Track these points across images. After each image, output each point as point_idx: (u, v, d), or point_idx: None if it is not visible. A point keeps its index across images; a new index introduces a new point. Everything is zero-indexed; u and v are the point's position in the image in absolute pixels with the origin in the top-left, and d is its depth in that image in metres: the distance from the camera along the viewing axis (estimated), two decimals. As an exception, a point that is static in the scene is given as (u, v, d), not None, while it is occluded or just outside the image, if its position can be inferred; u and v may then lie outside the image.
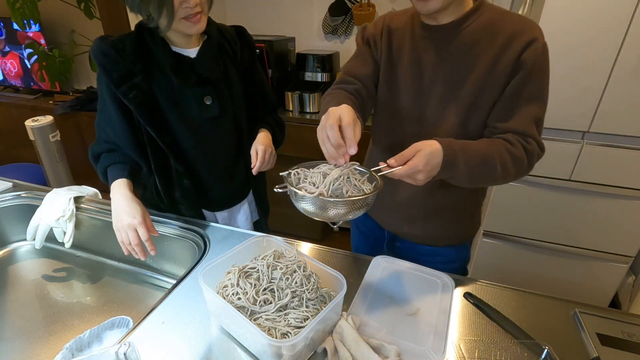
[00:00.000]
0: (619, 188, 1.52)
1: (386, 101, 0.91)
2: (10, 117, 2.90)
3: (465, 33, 0.79)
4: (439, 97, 0.83)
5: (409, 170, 0.67)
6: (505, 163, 0.75)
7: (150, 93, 0.90)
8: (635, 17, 1.26)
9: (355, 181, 0.66)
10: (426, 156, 0.67)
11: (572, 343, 0.69)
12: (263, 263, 0.71)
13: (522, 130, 0.77)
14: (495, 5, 0.80)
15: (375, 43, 0.90)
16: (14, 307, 0.92)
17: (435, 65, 0.82)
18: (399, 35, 0.87)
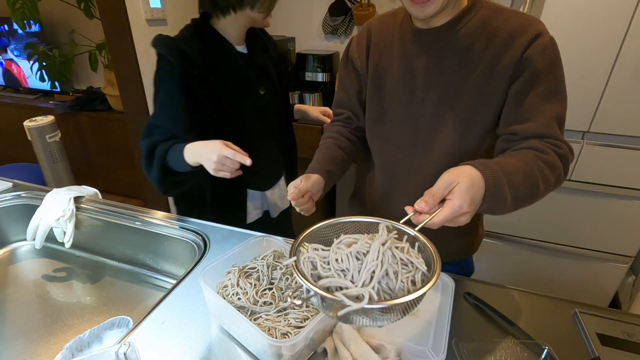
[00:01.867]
0: (619, 188, 1.52)
1: (376, 114, 0.86)
2: (10, 117, 2.91)
3: (459, 35, 0.72)
4: (434, 106, 0.77)
5: (450, 215, 0.53)
6: (546, 176, 0.64)
7: (220, 86, 0.98)
8: (635, 17, 1.26)
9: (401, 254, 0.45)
10: (468, 191, 0.53)
11: (572, 343, 0.69)
12: (263, 263, 0.71)
13: (547, 133, 0.68)
14: (491, 1, 0.74)
15: (360, 57, 0.85)
16: (14, 307, 0.92)
17: (427, 71, 0.76)
18: (387, 42, 0.81)
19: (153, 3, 1.92)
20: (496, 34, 0.70)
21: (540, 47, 0.68)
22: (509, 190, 0.59)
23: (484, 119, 0.75)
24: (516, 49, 0.68)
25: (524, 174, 0.61)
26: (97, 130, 2.70)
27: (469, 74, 0.73)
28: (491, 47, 0.71)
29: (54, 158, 2.14)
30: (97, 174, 2.90)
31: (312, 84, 2.12)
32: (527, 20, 0.70)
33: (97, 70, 2.57)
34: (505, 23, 0.70)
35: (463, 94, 0.74)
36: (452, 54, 0.74)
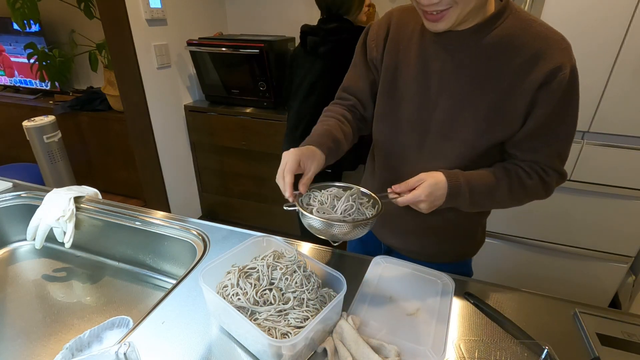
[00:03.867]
0: (619, 188, 1.52)
1: (386, 111, 0.83)
2: (10, 117, 2.91)
3: (483, 43, 0.68)
4: (445, 113, 0.74)
5: (411, 200, 0.69)
6: (515, 193, 0.74)
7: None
8: (635, 17, 1.26)
9: (359, 206, 0.71)
10: (429, 187, 0.69)
11: (572, 343, 0.69)
12: (263, 263, 0.71)
13: (544, 162, 0.74)
14: (521, 9, 0.70)
15: (377, 47, 0.81)
16: (14, 307, 0.92)
17: (443, 76, 0.73)
18: (407, 37, 0.77)
19: (153, 3, 1.93)
20: (520, 52, 0.67)
21: (559, 83, 0.66)
22: (469, 198, 0.72)
23: (495, 136, 0.73)
24: (536, 77, 0.66)
25: (488, 191, 0.73)
26: (97, 130, 2.70)
27: (486, 88, 0.70)
28: (513, 65, 0.67)
29: (54, 158, 2.14)
30: (97, 174, 2.90)
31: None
32: (552, 43, 0.66)
33: (97, 70, 2.57)
34: (532, 40, 0.67)
35: (478, 106, 0.71)
36: (472, 61, 0.70)
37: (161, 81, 2.10)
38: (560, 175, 0.77)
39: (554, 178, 0.76)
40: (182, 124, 2.33)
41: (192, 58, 2.15)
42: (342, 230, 0.67)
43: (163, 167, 2.23)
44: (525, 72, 0.67)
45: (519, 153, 0.75)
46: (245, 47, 1.97)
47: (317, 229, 0.69)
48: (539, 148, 0.73)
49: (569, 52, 0.66)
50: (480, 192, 0.73)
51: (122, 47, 1.88)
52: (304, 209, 0.68)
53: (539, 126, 0.70)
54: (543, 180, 0.75)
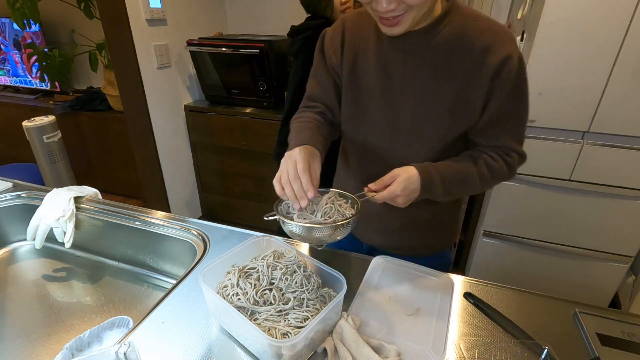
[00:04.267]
0: (619, 188, 1.52)
1: (354, 115, 0.85)
2: (10, 117, 2.91)
3: (435, 42, 0.72)
4: (412, 112, 0.77)
5: (388, 196, 0.72)
6: (484, 178, 0.79)
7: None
8: (635, 17, 1.27)
9: (339, 207, 0.72)
10: (403, 182, 0.72)
11: (572, 343, 0.69)
12: (263, 263, 0.71)
13: (506, 146, 0.79)
14: (465, 7, 0.74)
15: (335, 54, 0.83)
16: (14, 307, 0.92)
17: (405, 77, 0.76)
18: (363, 42, 0.79)
19: (153, 3, 1.93)
20: (472, 47, 0.71)
21: (509, 71, 0.70)
22: (442, 188, 0.76)
23: (460, 127, 0.77)
24: (489, 68, 0.70)
25: (460, 176, 0.77)
26: (97, 130, 2.70)
27: (446, 84, 0.73)
28: (467, 60, 0.71)
29: (54, 158, 2.14)
30: (97, 174, 2.90)
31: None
32: (499, 36, 0.71)
33: (97, 70, 2.57)
34: (481, 35, 0.71)
35: (441, 102, 0.75)
36: (429, 61, 0.73)
37: (161, 81, 2.11)
38: (520, 155, 0.81)
39: (516, 159, 0.81)
40: (182, 124, 2.33)
41: (192, 58, 2.16)
42: (324, 232, 0.67)
43: (163, 167, 2.23)
44: (478, 65, 0.71)
45: (482, 140, 0.80)
46: (245, 47, 1.97)
47: (300, 235, 0.69)
48: (500, 133, 0.78)
49: (514, 43, 0.71)
50: (452, 181, 0.77)
51: (122, 47, 1.88)
52: (284, 217, 0.68)
53: (497, 113, 0.75)
54: (506, 162, 0.80)
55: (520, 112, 0.77)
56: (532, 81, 1.49)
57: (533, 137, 1.55)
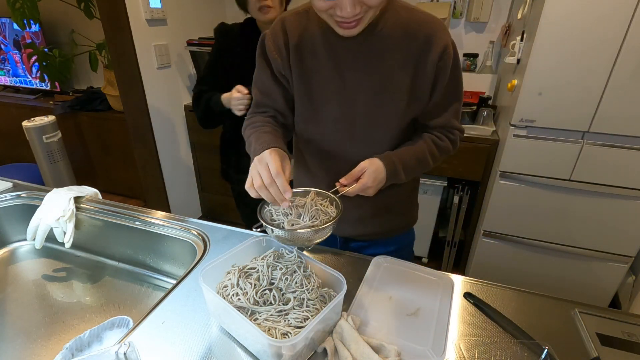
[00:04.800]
0: (619, 188, 1.52)
1: (309, 115, 0.86)
2: (10, 117, 2.91)
3: (381, 35, 0.76)
4: (366, 106, 0.81)
5: (360, 188, 0.78)
6: (435, 156, 0.87)
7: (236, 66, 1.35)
8: (635, 17, 1.27)
9: (321, 207, 0.74)
10: (373, 173, 0.78)
11: (572, 343, 0.69)
12: (263, 263, 0.71)
13: (448, 124, 0.87)
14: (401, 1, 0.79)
15: (280, 56, 0.81)
16: (14, 307, 0.92)
17: (357, 72, 0.79)
18: (309, 42, 0.79)
19: (153, 3, 1.93)
20: (415, 37, 0.76)
21: (448, 58, 0.77)
22: (404, 172, 0.82)
23: (413, 113, 0.84)
24: (433, 57, 0.76)
25: (416, 158, 0.84)
26: (97, 130, 2.70)
27: (397, 74, 0.78)
28: (413, 50, 0.77)
29: (54, 158, 2.14)
30: (97, 174, 2.90)
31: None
32: (436, 27, 0.76)
33: (97, 70, 2.57)
34: (420, 26, 0.76)
35: (394, 92, 0.80)
36: (378, 54, 0.77)
37: (161, 81, 2.11)
38: (460, 131, 0.91)
39: (457, 134, 0.90)
40: (182, 124, 2.33)
41: (192, 58, 2.15)
42: (316, 235, 0.69)
43: (163, 167, 2.23)
44: (423, 54, 0.77)
45: (429, 121, 0.86)
46: (245, 47, 1.97)
47: (290, 240, 0.71)
48: (442, 113, 0.85)
49: (447, 32, 0.78)
50: (410, 165, 0.84)
51: (122, 47, 1.88)
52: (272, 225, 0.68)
53: (440, 97, 0.82)
54: (450, 139, 0.89)
55: (458, 93, 0.85)
56: (532, 81, 1.50)
57: (533, 137, 1.55)
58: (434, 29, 0.76)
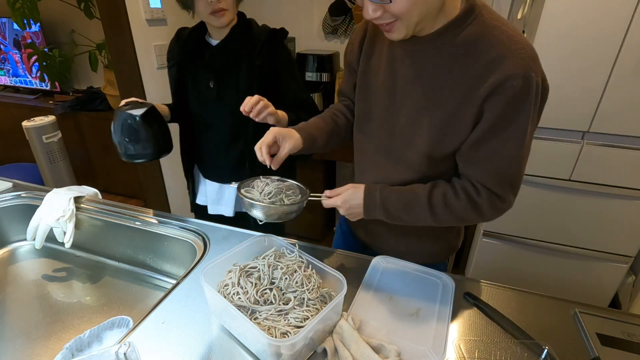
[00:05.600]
0: (619, 188, 1.52)
1: (362, 112, 0.86)
2: (10, 117, 2.91)
3: (444, 49, 0.67)
4: (408, 117, 0.75)
5: (330, 204, 0.80)
6: (435, 208, 0.74)
7: (183, 72, 1.16)
8: (635, 17, 1.26)
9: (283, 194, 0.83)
10: (346, 196, 0.78)
11: (572, 343, 0.69)
12: (264, 263, 0.71)
13: (478, 180, 0.72)
14: (489, 12, 0.66)
15: (352, 51, 0.85)
16: (14, 307, 0.92)
17: (407, 80, 0.73)
18: (379, 42, 0.79)
19: (153, 3, 1.93)
20: (477, 60, 0.64)
21: (506, 95, 0.62)
22: (384, 213, 0.78)
23: (447, 145, 0.72)
24: (487, 86, 0.63)
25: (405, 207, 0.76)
26: (97, 130, 2.70)
27: (441, 96, 0.69)
28: (469, 73, 0.65)
29: (54, 158, 2.14)
30: (97, 174, 2.90)
31: (312, 84, 2.12)
32: (512, 49, 0.62)
33: (97, 70, 2.57)
34: (490, 47, 0.63)
35: (433, 114, 0.71)
36: (432, 69, 0.69)
37: (161, 81, 2.10)
38: (498, 197, 0.71)
39: (486, 199, 0.72)
40: (182, 124, 2.33)
41: (192, 58, 2.15)
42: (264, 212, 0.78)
43: (163, 167, 2.23)
44: (478, 81, 0.64)
45: (461, 165, 0.74)
46: (245, 47, 1.97)
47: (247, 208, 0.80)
48: (477, 162, 0.71)
49: (527, 62, 0.61)
50: (397, 208, 0.76)
51: (122, 47, 1.88)
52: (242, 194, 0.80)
53: (479, 137, 0.67)
54: (471, 199, 0.72)
55: (507, 145, 0.67)
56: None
57: (533, 137, 1.55)
58: (506, 54, 0.61)
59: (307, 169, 2.13)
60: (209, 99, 1.14)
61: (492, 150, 0.68)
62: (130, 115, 1.00)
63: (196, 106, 1.18)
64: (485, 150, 0.68)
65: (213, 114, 1.17)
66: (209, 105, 1.16)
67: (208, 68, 1.12)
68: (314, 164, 2.12)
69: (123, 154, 1.05)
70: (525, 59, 0.61)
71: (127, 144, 1.03)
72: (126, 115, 1.00)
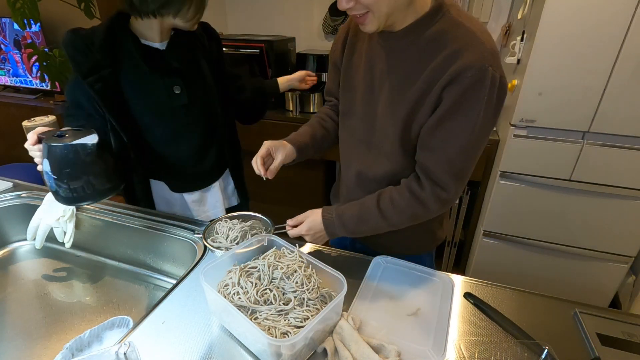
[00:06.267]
0: (619, 188, 1.52)
1: (346, 108, 0.88)
2: (10, 117, 2.91)
3: (414, 43, 0.70)
4: (383, 110, 0.77)
5: (296, 233, 0.85)
6: (387, 216, 0.78)
7: (117, 85, 0.94)
8: (635, 17, 1.26)
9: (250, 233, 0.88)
10: (308, 224, 0.83)
11: (572, 343, 0.69)
12: (264, 262, 0.71)
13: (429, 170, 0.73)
14: (459, 10, 0.69)
15: (336, 49, 0.88)
16: (14, 307, 0.92)
17: (382, 74, 0.76)
18: (360, 40, 0.82)
19: (153, 3, 1.92)
20: (440, 53, 0.67)
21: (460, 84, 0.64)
22: (344, 229, 0.82)
23: (417, 130, 0.74)
24: (446, 76, 0.65)
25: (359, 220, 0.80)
26: (97, 130, 2.69)
27: (410, 86, 0.71)
28: (432, 66, 0.68)
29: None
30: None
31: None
32: (471, 44, 0.64)
33: (97, 70, 2.56)
34: (452, 42, 0.66)
35: (404, 102, 0.73)
36: (403, 61, 0.72)
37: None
38: (441, 188, 0.73)
39: (429, 192, 0.74)
40: (182, 124, 2.33)
41: (192, 58, 2.15)
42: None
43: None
44: (439, 72, 0.66)
45: (419, 152, 0.76)
46: (245, 47, 1.97)
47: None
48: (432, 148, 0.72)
49: (485, 55, 0.63)
50: (353, 222, 0.80)
51: (122, 47, 1.88)
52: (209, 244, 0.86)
53: (434, 123, 0.69)
54: (414, 195, 0.75)
55: (458, 136, 0.68)
56: (532, 81, 1.50)
57: (533, 137, 1.55)
58: (467, 46, 0.64)
59: (307, 169, 2.13)
60: (175, 106, 1.00)
61: (444, 137, 0.70)
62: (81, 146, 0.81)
63: (153, 119, 1.01)
64: (440, 136, 0.70)
65: (183, 122, 1.04)
66: (177, 112, 1.02)
67: (167, 73, 0.98)
68: (314, 164, 2.12)
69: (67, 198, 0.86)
70: (484, 52, 0.64)
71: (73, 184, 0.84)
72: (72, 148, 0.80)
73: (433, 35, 0.68)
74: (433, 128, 0.70)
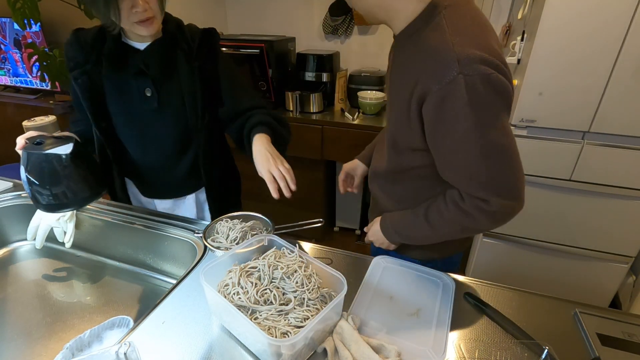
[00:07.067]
0: (619, 188, 1.52)
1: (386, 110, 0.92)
2: (10, 117, 2.91)
3: (408, 48, 0.69)
4: (388, 109, 0.81)
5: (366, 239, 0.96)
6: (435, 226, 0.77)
7: (98, 81, 0.96)
8: (635, 17, 1.26)
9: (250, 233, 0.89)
10: (372, 231, 0.93)
11: (572, 343, 0.69)
12: (264, 262, 0.71)
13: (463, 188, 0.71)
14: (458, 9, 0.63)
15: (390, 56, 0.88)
16: (15, 307, 0.92)
17: (390, 76, 0.79)
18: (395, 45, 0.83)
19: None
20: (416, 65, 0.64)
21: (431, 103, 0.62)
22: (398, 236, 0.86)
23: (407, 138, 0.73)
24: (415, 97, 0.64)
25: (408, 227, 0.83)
26: (97, 130, 2.69)
27: (397, 91, 0.72)
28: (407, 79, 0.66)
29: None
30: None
31: (312, 84, 2.12)
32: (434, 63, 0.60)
33: (97, 70, 2.57)
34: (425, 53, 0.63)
35: (394, 105, 0.74)
36: (397, 66, 0.74)
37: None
38: (482, 200, 0.69)
39: (470, 204, 0.70)
40: (182, 124, 2.32)
41: (192, 58, 2.15)
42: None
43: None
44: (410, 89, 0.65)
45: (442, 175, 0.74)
46: (245, 47, 1.97)
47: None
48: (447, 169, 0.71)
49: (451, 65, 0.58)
50: (403, 229, 0.84)
51: (122, 47, 1.88)
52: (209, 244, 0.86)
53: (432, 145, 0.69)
54: (458, 206, 0.72)
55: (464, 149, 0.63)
56: (532, 81, 1.49)
57: (533, 137, 1.55)
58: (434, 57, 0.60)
59: (307, 169, 2.13)
60: (146, 110, 0.98)
61: (451, 156, 0.67)
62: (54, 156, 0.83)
63: (125, 119, 1.00)
64: (447, 155, 0.68)
65: (153, 126, 1.00)
66: (147, 116, 0.99)
67: (140, 75, 0.95)
68: (314, 164, 2.12)
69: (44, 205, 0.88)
70: (449, 62, 0.58)
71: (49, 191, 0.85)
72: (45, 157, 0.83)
73: (422, 44, 0.64)
74: (435, 149, 0.69)
